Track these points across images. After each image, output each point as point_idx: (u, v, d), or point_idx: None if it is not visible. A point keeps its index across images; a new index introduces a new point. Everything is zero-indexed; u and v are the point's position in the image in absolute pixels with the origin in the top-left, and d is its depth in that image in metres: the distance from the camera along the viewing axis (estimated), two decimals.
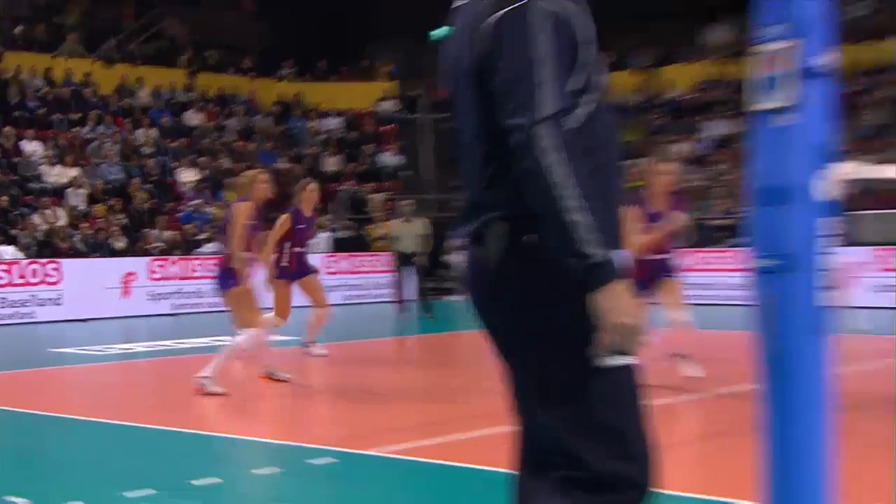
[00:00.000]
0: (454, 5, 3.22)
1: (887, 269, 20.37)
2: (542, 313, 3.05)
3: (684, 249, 10.82)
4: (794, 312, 4.32)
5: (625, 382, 3.19)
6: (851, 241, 22.04)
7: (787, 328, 4.32)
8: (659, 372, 9.95)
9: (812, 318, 4.34)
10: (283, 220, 14.02)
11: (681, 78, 32.19)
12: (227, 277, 11.18)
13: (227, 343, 11.53)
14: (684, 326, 10.45)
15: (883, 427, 8.43)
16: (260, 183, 11.59)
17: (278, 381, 11.86)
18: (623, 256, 3.05)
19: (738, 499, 5.81)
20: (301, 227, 14.02)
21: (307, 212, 14.23)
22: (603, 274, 2.90)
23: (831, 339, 4.43)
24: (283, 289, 14.21)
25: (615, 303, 2.92)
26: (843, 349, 4.93)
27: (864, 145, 25.37)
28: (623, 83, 32.82)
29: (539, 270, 3.01)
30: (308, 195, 14.12)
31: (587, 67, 3.01)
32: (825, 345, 4.40)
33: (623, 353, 3.11)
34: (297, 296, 13.87)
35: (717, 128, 29.01)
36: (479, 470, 7.02)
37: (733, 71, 27.98)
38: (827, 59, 4.17)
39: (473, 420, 9.16)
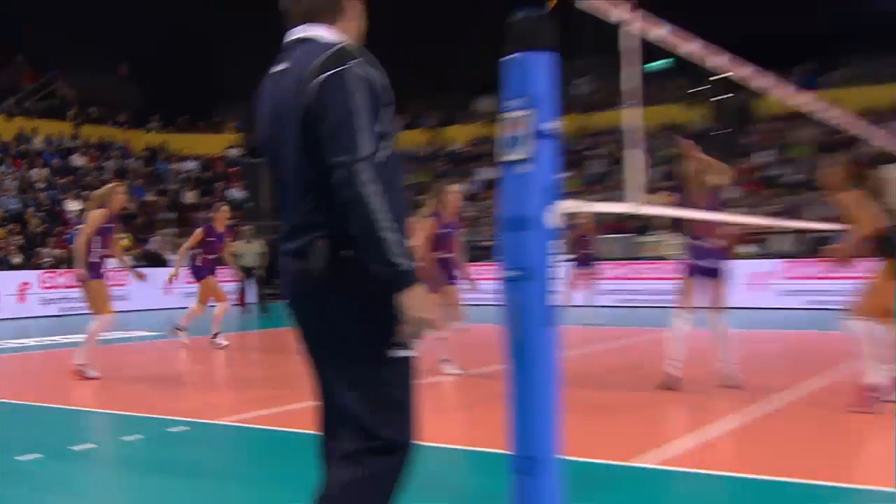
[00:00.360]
0: (270, 72, 3.22)
1: (614, 278, 20.90)
2: (353, 314, 3.06)
3: (463, 262, 10.82)
4: (532, 311, 4.44)
5: (407, 370, 3.21)
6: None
7: (526, 323, 4.45)
8: (434, 359, 10.04)
9: (544, 315, 4.48)
10: (198, 233, 14.21)
11: (459, 135, 32.66)
12: (90, 271, 10.55)
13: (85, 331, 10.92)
14: (456, 327, 10.39)
15: (597, 394, 8.64)
16: (117, 194, 10.80)
17: (88, 378, 10.54)
18: (416, 264, 3.09)
19: (494, 448, 5.89)
20: (211, 239, 14.12)
21: (220, 228, 14.30)
22: (408, 279, 2.97)
23: (559, 331, 4.59)
24: (207, 282, 14.30)
25: (417, 301, 3.01)
26: (568, 337, 5.10)
27: (590, 188, 26.23)
28: (416, 139, 33.24)
29: (352, 280, 3.04)
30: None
31: (386, 121, 3.06)
32: (554, 335, 4.55)
33: (413, 344, 3.14)
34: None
35: (486, 173, 29.52)
36: (304, 433, 6.98)
37: (497, 131, 28.44)
38: (553, 124, 4.32)
39: (301, 395, 9.11)
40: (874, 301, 7.06)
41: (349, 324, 3.06)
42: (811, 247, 20.81)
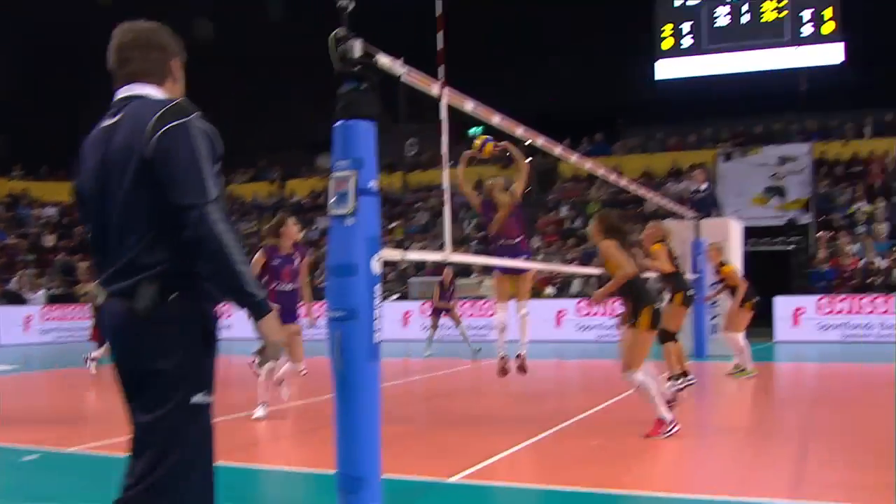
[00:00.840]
0: (98, 126, 3.06)
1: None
2: (169, 356, 2.88)
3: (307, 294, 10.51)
4: (356, 346, 4.48)
5: (208, 420, 3.00)
6: (405, 297, 22.91)
7: (351, 357, 4.48)
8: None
9: (368, 350, 4.52)
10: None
11: (301, 188, 32.45)
12: None
13: None
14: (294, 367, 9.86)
15: (417, 417, 8.68)
16: None
17: None
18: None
19: (324, 469, 5.82)
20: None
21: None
22: (264, 307, 2.90)
23: (380, 363, 4.63)
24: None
25: (272, 327, 2.93)
26: (390, 369, 5.13)
27: (413, 237, 26.49)
28: (261, 190, 32.88)
29: (175, 322, 2.89)
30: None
31: (218, 165, 3.01)
32: (377, 368, 4.59)
33: (266, 365, 2.96)
34: None
35: (325, 223, 29.43)
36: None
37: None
38: (374, 183, 4.39)
39: None
40: (637, 353, 7.27)
41: (164, 364, 2.89)
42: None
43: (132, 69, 3.10)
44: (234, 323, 23.57)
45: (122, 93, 3.10)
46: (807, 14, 27.57)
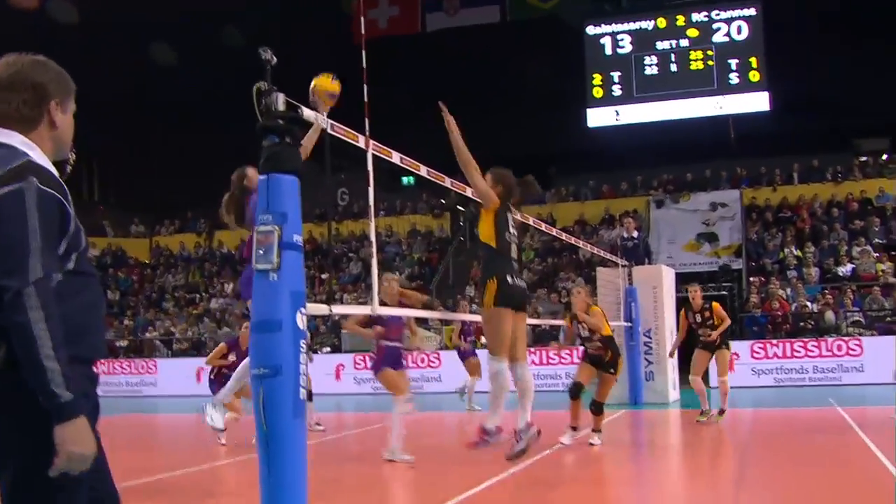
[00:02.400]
0: None
1: (365, 368, 21.00)
2: (15, 437, 2.65)
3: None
4: (281, 403, 4.46)
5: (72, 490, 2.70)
6: (337, 349, 22.78)
7: (276, 415, 4.45)
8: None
9: (294, 408, 4.50)
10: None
11: (229, 240, 32.17)
12: None
13: None
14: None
15: (347, 472, 8.62)
16: None
17: None
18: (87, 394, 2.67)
19: None
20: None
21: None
22: (66, 411, 2.56)
23: (305, 422, 4.62)
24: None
25: (73, 435, 2.57)
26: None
27: (345, 287, 26.40)
28: (189, 241, 32.56)
29: (19, 401, 2.61)
30: None
31: (69, 235, 2.69)
32: (302, 425, 4.57)
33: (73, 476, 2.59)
34: None
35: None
36: None
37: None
38: (299, 237, 4.41)
39: None
40: (490, 335, 6.80)
41: (11, 446, 2.66)
42: (538, 337, 21.69)
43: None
44: (159, 381, 23.42)
45: None
46: (733, 63, 28.43)
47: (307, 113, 4.63)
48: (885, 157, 30.11)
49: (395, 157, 5.85)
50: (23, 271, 2.53)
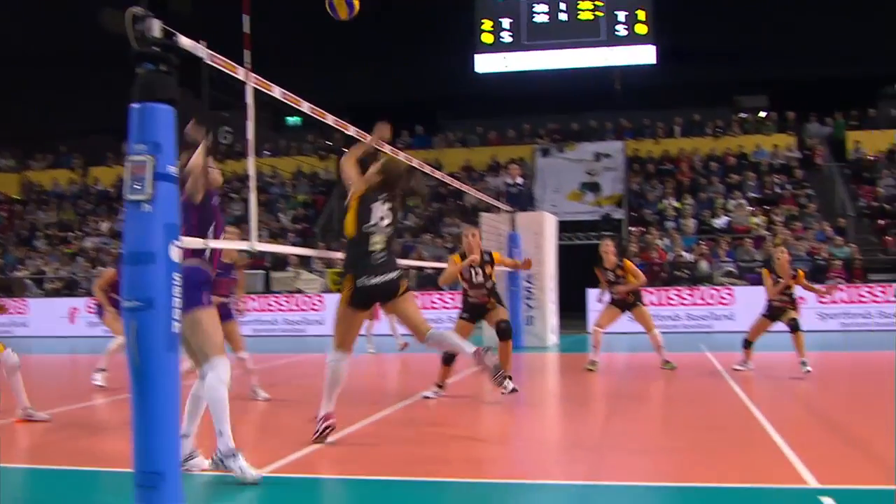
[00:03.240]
0: None
1: (254, 311, 20.80)
2: None
3: None
4: (154, 338, 4.43)
5: None
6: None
7: (149, 349, 4.42)
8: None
9: (167, 341, 4.48)
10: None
11: (105, 177, 31.14)
12: None
13: None
14: None
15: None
16: None
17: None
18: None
19: (121, 467, 5.67)
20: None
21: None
22: None
23: (178, 355, 4.60)
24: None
25: None
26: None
27: (228, 228, 25.92)
28: (62, 177, 31.39)
29: None
30: None
31: None
32: (176, 358, 4.55)
33: None
34: None
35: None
36: None
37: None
38: (173, 168, 4.35)
39: None
40: (336, 327, 6.83)
41: None
42: (422, 281, 21.87)
43: None
44: (30, 321, 22.74)
45: None
46: (621, 15, 28.85)
47: (184, 41, 4.54)
48: (763, 114, 31.21)
49: (277, 92, 5.80)
50: None
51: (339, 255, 7.85)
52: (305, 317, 21.06)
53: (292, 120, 33.00)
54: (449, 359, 9.34)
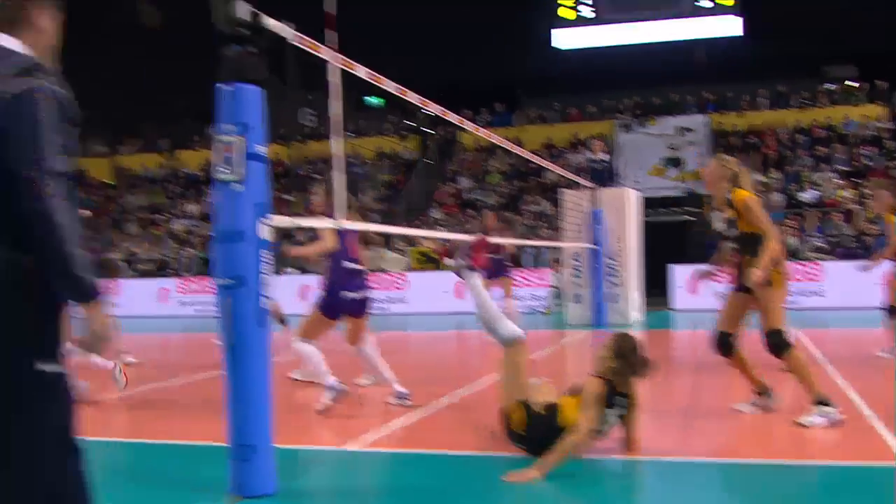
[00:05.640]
0: None
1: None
2: (17, 321, 2.73)
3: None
4: (245, 315, 4.51)
5: (62, 386, 2.82)
6: (304, 271, 22.80)
7: (241, 326, 4.51)
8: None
9: (257, 318, 4.55)
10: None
11: (192, 160, 31.83)
12: None
13: None
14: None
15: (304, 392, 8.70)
16: None
17: None
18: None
19: (215, 441, 5.79)
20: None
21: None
22: (92, 293, 2.74)
23: (269, 332, 4.68)
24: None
25: (98, 316, 2.78)
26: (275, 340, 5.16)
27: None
28: (150, 162, 32.18)
29: (22, 288, 2.71)
30: None
31: (70, 140, 2.81)
32: (267, 336, 4.63)
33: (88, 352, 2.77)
34: None
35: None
36: None
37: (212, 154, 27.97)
38: (263, 148, 4.41)
39: None
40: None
41: (8, 329, 2.73)
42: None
43: None
44: (122, 301, 23.35)
45: None
46: None
47: (270, 22, 4.58)
48: (852, 84, 30.26)
49: (362, 72, 5.81)
50: (43, 163, 2.66)
51: (422, 232, 7.88)
52: (389, 295, 21.21)
53: (375, 100, 33.16)
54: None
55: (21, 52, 2.86)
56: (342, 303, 7.28)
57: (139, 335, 17.62)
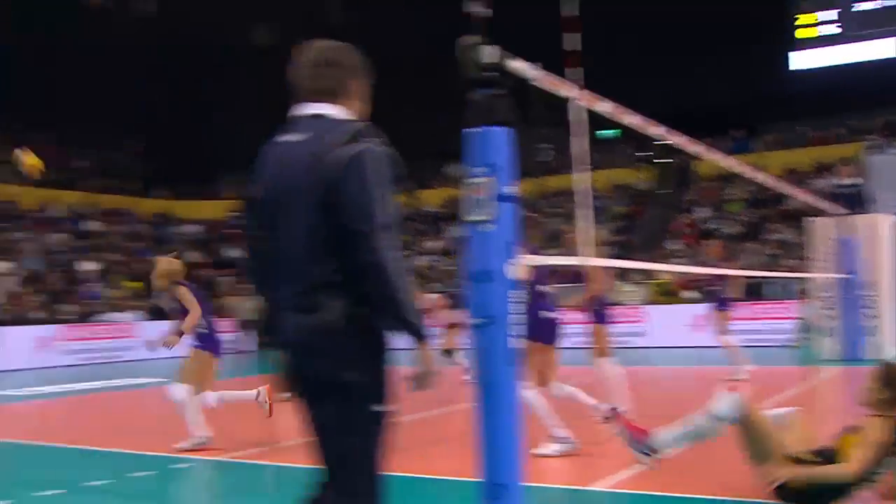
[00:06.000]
0: (277, 140, 3.16)
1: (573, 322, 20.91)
2: (354, 367, 3.01)
3: None
4: (496, 352, 4.51)
5: (384, 425, 3.12)
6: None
7: (492, 363, 4.51)
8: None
9: (507, 356, 4.54)
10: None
11: (432, 198, 32.81)
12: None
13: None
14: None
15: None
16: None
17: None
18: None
19: (466, 476, 5.84)
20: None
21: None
22: (426, 337, 3.04)
23: (517, 370, 4.66)
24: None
25: (428, 356, 3.08)
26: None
27: (548, 244, 26.33)
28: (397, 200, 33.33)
29: (361, 335, 3.01)
30: None
31: (394, 193, 3.06)
32: (514, 372, 4.61)
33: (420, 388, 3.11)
34: None
35: (457, 231, 29.65)
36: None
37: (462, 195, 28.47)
38: (512, 188, 4.42)
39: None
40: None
41: (350, 376, 3.01)
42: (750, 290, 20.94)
43: (317, 85, 3.19)
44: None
45: (304, 110, 3.19)
46: None
47: (514, 64, 4.60)
48: None
49: (608, 106, 5.72)
50: (372, 218, 2.92)
51: (660, 266, 7.66)
52: (626, 329, 20.83)
53: (606, 133, 32.96)
54: None
55: (347, 120, 3.16)
56: (542, 323, 7.18)
57: None
